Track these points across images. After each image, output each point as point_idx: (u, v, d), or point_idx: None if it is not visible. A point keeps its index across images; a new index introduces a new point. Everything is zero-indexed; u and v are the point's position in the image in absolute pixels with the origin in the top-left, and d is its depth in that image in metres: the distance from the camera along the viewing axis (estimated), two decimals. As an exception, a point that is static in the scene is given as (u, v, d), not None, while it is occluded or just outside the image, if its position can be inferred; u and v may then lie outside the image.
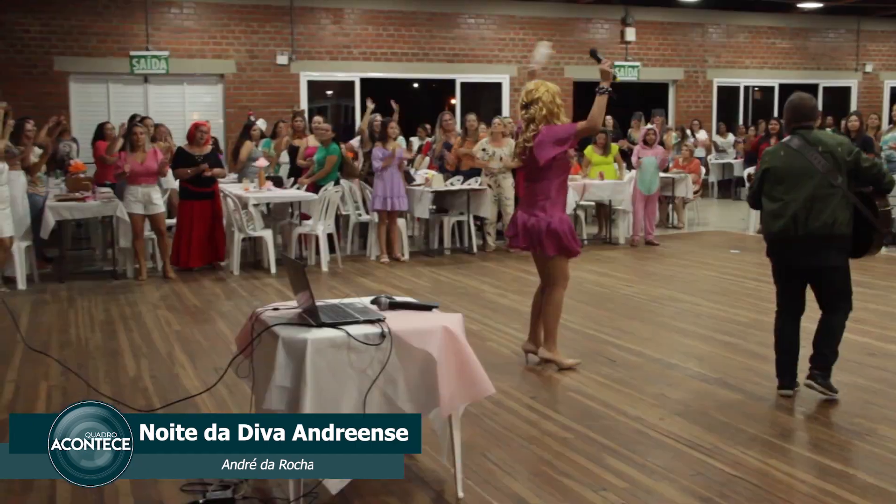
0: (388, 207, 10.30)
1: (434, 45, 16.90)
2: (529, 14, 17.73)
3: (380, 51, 16.49)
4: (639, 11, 18.59)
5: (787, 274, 5.25)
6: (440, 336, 3.78)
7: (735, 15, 19.75)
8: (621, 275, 9.54)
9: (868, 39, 21.45)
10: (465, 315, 6.95)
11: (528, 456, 4.39)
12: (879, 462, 4.25)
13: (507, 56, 17.60)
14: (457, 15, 17.10)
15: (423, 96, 19.15)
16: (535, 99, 5.74)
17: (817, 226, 4.94)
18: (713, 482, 4.03)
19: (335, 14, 16.12)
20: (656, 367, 5.95)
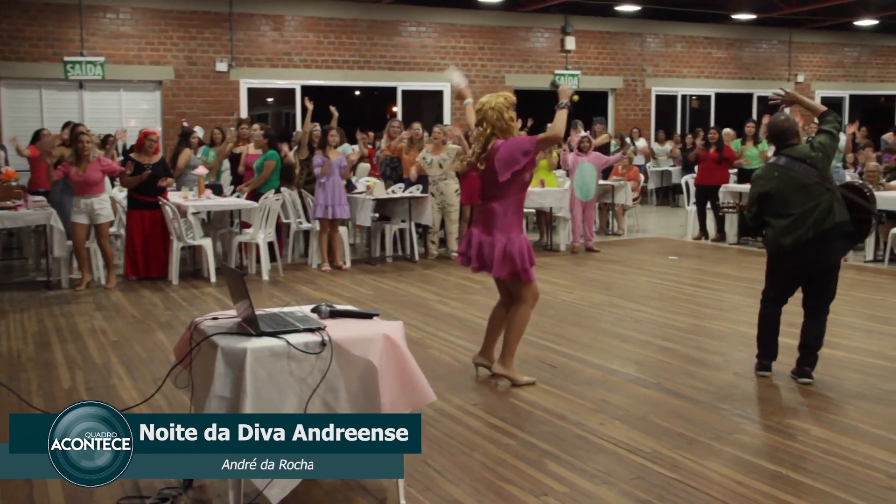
0: (329, 215, 10.24)
1: (375, 53, 16.90)
2: (470, 22, 17.83)
3: (321, 58, 16.43)
4: (578, 21, 18.82)
5: (794, 274, 5.68)
6: (381, 344, 3.77)
7: (672, 25, 20.11)
8: (562, 281, 9.63)
9: (799, 50, 22.01)
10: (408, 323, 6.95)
11: (469, 462, 4.39)
12: (813, 463, 4.35)
13: (448, 64, 17.65)
14: (398, 23, 17.12)
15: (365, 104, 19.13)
16: (482, 118, 5.60)
17: (826, 227, 5.44)
18: (652, 485, 4.08)
19: (275, 21, 16.03)
20: (596, 372, 6.01)
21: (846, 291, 8.78)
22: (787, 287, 5.77)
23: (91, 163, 9.18)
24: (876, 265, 10.47)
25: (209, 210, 10.42)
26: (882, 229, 10.58)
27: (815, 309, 5.69)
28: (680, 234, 13.63)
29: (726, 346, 6.78)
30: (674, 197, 18.55)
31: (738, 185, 12.68)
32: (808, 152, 5.52)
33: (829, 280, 5.63)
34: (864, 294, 8.75)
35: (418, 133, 11.60)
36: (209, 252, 9.73)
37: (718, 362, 6.28)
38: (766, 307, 5.82)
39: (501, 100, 5.64)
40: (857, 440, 4.65)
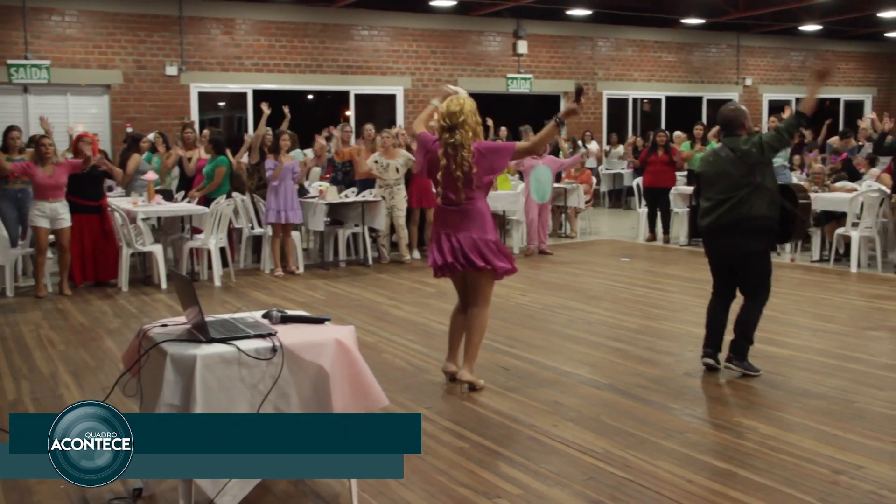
0: (282, 220, 10.18)
1: (328, 57, 16.84)
2: (423, 26, 17.85)
3: (272, 62, 16.33)
4: (530, 25, 18.93)
5: (716, 261, 6.00)
6: (332, 349, 3.76)
7: (623, 29, 20.32)
8: (515, 284, 9.65)
9: (747, 54, 22.37)
10: (361, 327, 6.95)
11: (422, 466, 4.39)
12: (762, 460, 4.42)
13: (400, 68, 17.67)
14: (350, 26, 17.08)
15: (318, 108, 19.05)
16: (461, 122, 5.47)
17: (737, 217, 5.65)
18: (605, 486, 4.12)
19: (226, 24, 15.89)
20: (549, 374, 6.04)
21: (793, 291, 8.96)
22: (718, 276, 6.02)
23: (59, 165, 9.02)
24: (822, 265, 10.67)
25: (159, 216, 10.30)
26: (827, 230, 10.79)
27: (746, 296, 5.93)
28: (632, 235, 13.77)
29: (677, 346, 6.86)
30: (626, 199, 18.73)
31: (687, 187, 12.84)
32: (739, 145, 5.70)
33: (748, 268, 5.83)
34: (810, 294, 8.92)
35: (371, 134, 11.58)
36: (160, 258, 9.61)
37: (669, 362, 6.36)
38: (711, 300, 6.10)
39: (473, 103, 5.61)
40: (803, 437, 4.73)
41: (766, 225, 5.69)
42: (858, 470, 4.26)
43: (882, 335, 7.16)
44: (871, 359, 6.33)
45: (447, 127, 5.49)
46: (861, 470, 4.25)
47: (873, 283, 9.43)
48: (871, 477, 4.17)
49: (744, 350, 5.89)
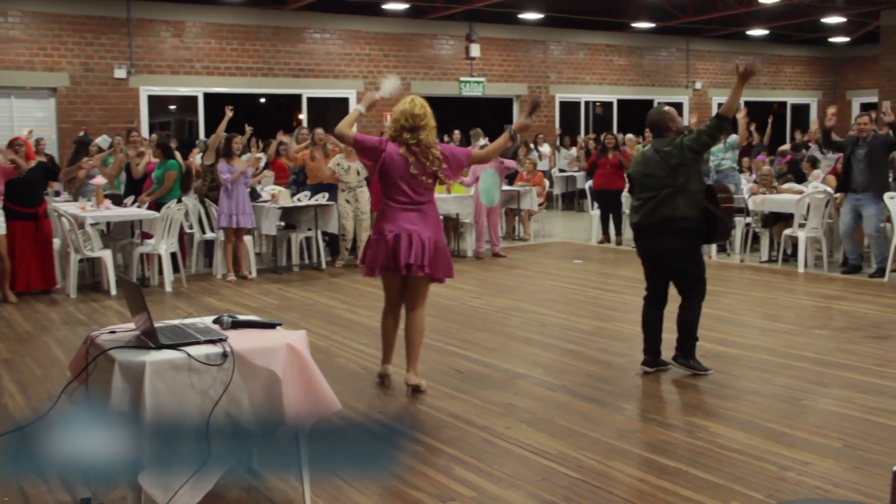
0: (234, 224, 10.09)
1: (279, 60, 16.75)
2: (375, 29, 17.83)
3: (223, 65, 16.20)
4: (483, 28, 19.01)
5: (644, 261, 6.10)
6: (284, 353, 3.74)
7: (574, 33, 20.49)
8: (469, 287, 9.69)
9: (697, 58, 22.70)
10: (314, 332, 6.92)
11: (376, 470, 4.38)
12: (710, 458, 4.47)
13: (353, 71, 17.63)
14: (302, 29, 17.01)
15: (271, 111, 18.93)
16: (424, 124, 5.53)
17: (660, 217, 5.77)
18: (558, 486, 4.14)
19: (175, 27, 15.73)
20: (503, 376, 6.07)
21: (742, 291, 9.10)
22: (648, 276, 6.11)
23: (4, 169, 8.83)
24: (771, 265, 10.84)
25: (108, 221, 10.15)
26: (775, 231, 10.98)
27: (682, 295, 6.00)
28: (584, 238, 13.87)
29: (629, 347, 6.92)
30: (578, 202, 18.88)
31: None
32: (662, 146, 5.81)
33: (678, 267, 5.92)
34: (759, 293, 9.06)
35: (322, 139, 11.53)
36: (109, 264, 9.46)
37: (622, 363, 6.41)
38: (644, 304, 6.17)
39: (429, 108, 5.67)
40: (752, 434, 4.80)
41: (687, 225, 5.76)
42: (805, 466, 4.33)
43: (828, 334, 7.30)
44: (817, 357, 6.45)
45: (409, 128, 5.51)
46: (808, 466, 4.33)
47: (820, 283, 9.61)
48: (818, 473, 4.24)
49: (690, 349, 5.97)
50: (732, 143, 11.78)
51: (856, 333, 7.22)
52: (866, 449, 4.57)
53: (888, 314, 7.93)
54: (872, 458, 4.43)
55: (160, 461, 3.48)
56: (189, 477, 3.51)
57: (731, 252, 11.82)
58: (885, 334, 7.15)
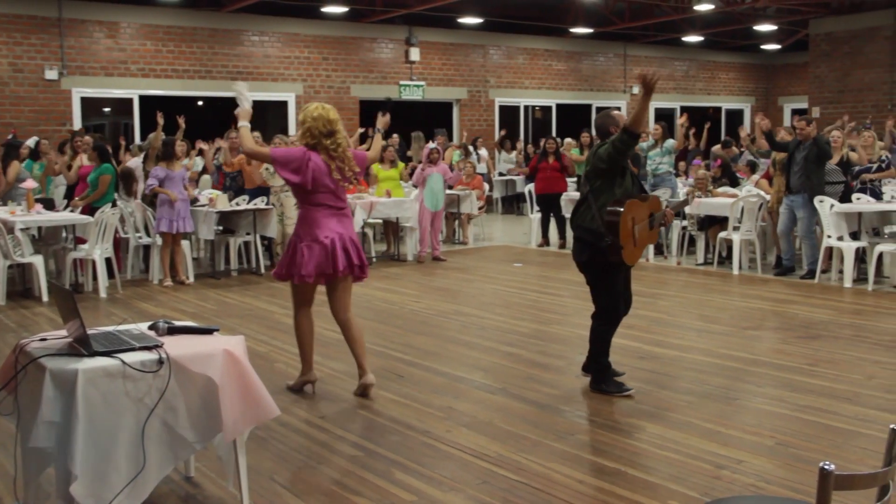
0: (172, 229, 9.94)
1: (217, 62, 16.55)
2: (314, 32, 17.73)
3: (159, 67, 15.96)
4: (422, 32, 19.03)
5: None
6: (221, 359, 3.69)
7: (514, 37, 20.62)
8: (409, 291, 9.69)
9: (634, 64, 23.02)
10: (253, 337, 6.85)
11: (316, 477, 4.35)
12: (649, 458, 4.54)
13: (292, 74, 17.51)
14: (240, 32, 16.84)
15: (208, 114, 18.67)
16: (339, 128, 5.61)
17: (573, 224, 5.72)
18: (498, 489, 4.16)
19: (109, 27, 15.45)
20: (443, 380, 6.07)
21: (679, 293, 9.25)
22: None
23: None
24: (706, 268, 11.04)
25: (40, 225, 9.91)
26: (710, 233, 11.18)
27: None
28: (524, 241, 13.96)
29: (568, 349, 6.99)
30: (518, 205, 18.99)
31: (576, 193, 13.09)
32: (591, 153, 5.68)
33: (585, 273, 5.75)
34: (695, 295, 9.22)
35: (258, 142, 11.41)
36: (40, 270, 9.25)
37: (561, 366, 6.47)
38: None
39: None
40: (688, 434, 4.88)
41: (584, 236, 5.56)
42: (739, 464, 4.42)
43: (761, 334, 7.45)
44: (751, 357, 6.58)
45: (327, 133, 5.55)
46: (742, 464, 4.42)
47: (754, 285, 9.81)
48: (751, 470, 4.33)
49: (597, 372, 5.71)
50: (669, 148, 11.97)
51: (788, 334, 7.39)
52: (797, 446, 4.68)
53: (818, 314, 8.13)
54: (803, 455, 4.54)
55: (94, 471, 3.41)
56: (124, 487, 3.44)
57: (668, 255, 12.02)
58: (815, 334, 7.33)
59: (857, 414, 5.20)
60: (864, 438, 4.77)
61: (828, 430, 4.93)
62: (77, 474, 3.35)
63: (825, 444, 4.73)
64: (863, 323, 7.81)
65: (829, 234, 9.62)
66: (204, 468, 4.39)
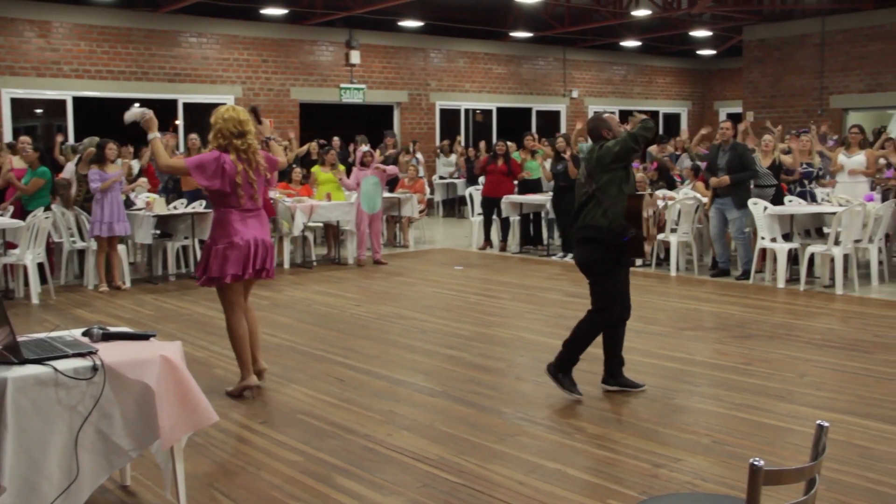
0: (107, 233, 9.75)
1: (154, 64, 16.30)
2: (254, 34, 17.57)
3: (94, 68, 15.65)
4: (363, 35, 18.98)
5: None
6: (158, 365, 3.64)
7: (454, 41, 20.68)
8: (350, 294, 9.65)
9: (573, 68, 23.25)
10: (191, 343, 6.76)
11: (256, 483, 4.30)
12: (589, 458, 4.59)
13: (231, 76, 17.33)
14: (177, 33, 16.60)
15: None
16: (250, 129, 5.70)
17: (578, 225, 5.66)
18: (439, 492, 4.16)
19: (41, 27, 15.11)
20: (384, 384, 6.06)
21: (617, 295, 9.34)
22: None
23: None
24: (645, 269, 11.18)
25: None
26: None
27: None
28: (465, 244, 14.01)
29: (509, 352, 7.03)
30: (459, 208, 19.05)
31: (518, 196, 13.21)
32: (587, 153, 5.71)
33: (587, 273, 5.71)
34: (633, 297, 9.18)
35: (195, 143, 11.29)
36: (-30, 275, 9.01)
37: (502, 368, 6.50)
38: None
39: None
40: (627, 434, 4.95)
41: (596, 235, 5.51)
42: (677, 463, 4.49)
43: (698, 335, 7.58)
44: (688, 357, 6.69)
45: (238, 134, 5.63)
46: (679, 462, 4.49)
47: (691, 286, 9.97)
48: (688, 469, 4.40)
49: (559, 361, 5.68)
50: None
51: (723, 334, 7.53)
52: (732, 444, 4.77)
53: (753, 315, 8.31)
54: (738, 452, 4.63)
55: (24, 483, 3.33)
56: (56, 497, 3.38)
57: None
58: (750, 334, 7.49)
59: (789, 411, 5.33)
60: (797, 435, 4.89)
61: (761, 428, 5.04)
62: (6, 486, 3.27)
63: (759, 441, 4.83)
64: (795, 322, 8.00)
65: (762, 235, 9.83)
66: (140, 476, 4.32)
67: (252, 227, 5.69)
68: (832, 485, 4.11)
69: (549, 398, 5.72)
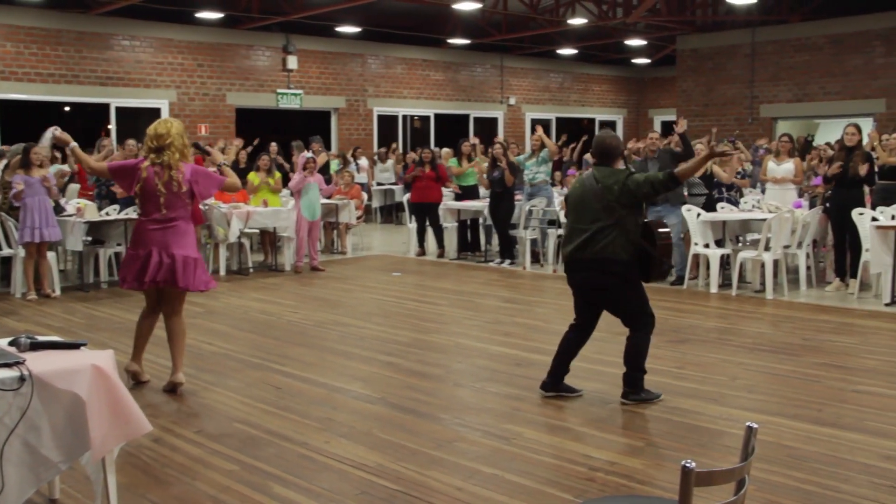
0: (36, 238, 9.52)
1: (85, 67, 15.98)
2: (189, 38, 17.35)
3: (21, 70, 15.28)
4: (300, 40, 18.88)
5: (575, 294, 5.83)
6: (89, 375, 3.56)
7: (392, 47, 20.69)
8: (287, 301, 9.57)
9: (510, 75, 23.43)
10: (124, 351, 6.64)
11: (191, 493, 4.24)
12: (526, 462, 4.61)
13: (165, 81, 17.07)
14: (109, 36, 16.31)
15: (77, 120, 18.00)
16: (168, 144, 5.80)
17: (592, 254, 5.50)
18: (377, 499, 4.15)
19: (-34, 28, 14.72)
20: (321, 391, 6.02)
21: (555, 300, 9.44)
22: (577, 308, 5.85)
23: None
24: (580, 275, 11.29)
25: None
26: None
27: (626, 325, 5.77)
28: (403, 251, 14.00)
29: (447, 358, 7.04)
30: (397, 214, 19.03)
31: (456, 202, 13.26)
32: (605, 178, 5.49)
33: (613, 303, 5.68)
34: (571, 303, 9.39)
35: (133, 149, 11.10)
36: None
37: (440, 374, 6.51)
38: (569, 329, 5.92)
39: (180, 125, 5.97)
40: (563, 438, 4.99)
41: (617, 268, 5.48)
42: (612, 465, 4.54)
43: (633, 339, 7.67)
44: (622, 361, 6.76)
45: (155, 148, 5.82)
46: (614, 465, 4.55)
47: (625, 291, 10.11)
48: (623, 471, 4.46)
49: (637, 382, 5.69)
50: (545, 157, 12.23)
51: (658, 338, 7.60)
52: (666, 446, 4.85)
53: (686, 319, 8.45)
54: (671, 454, 4.71)
55: (-52, 496, 3.23)
56: (-18, 511, 3.28)
57: (544, 263, 12.26)
58: (684, 338, 7.62)
59: (721, 413, 5.43)
60: (728, 437, 4.99)
61: (694, 430, 5.13)
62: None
63: (691, 443, 4.92)
64: (727, 326, 8.17)
65: (696, 241, 10.01)
66: (70, 489, 4.22)
67: (157, 238, 5.83)
68: (761, 485, 4.20)
69: (487, 404, 5.75)
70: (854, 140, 9.73)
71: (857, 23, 17.89)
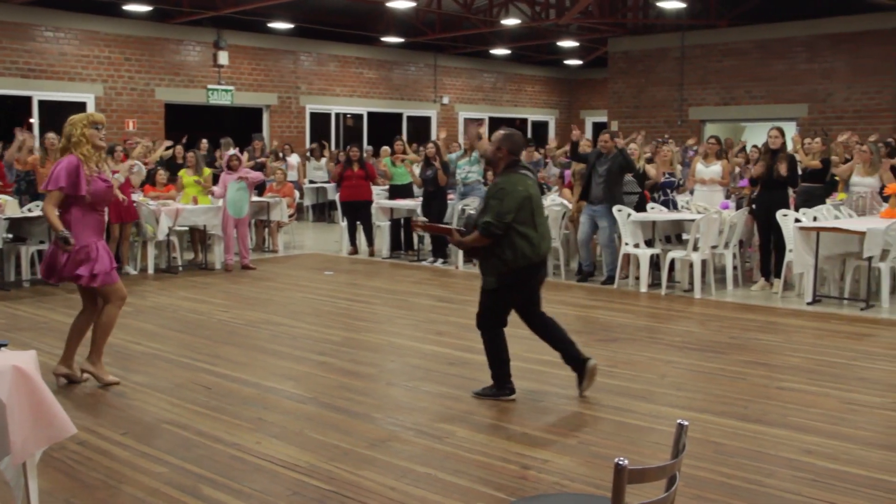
0: (-47, 236, 9.22)
1: (4, 58, 15.50)
2: (116, 31, 16.96)
3: (-60, 62, 14.77)
4: (231, 35, 18.61)
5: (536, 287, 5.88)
6: (9, 376, 3.44)
7: (325, 44, 20.53)
8: (217, 300, 9.43)
9: (444, 74, 23.46)
10: (48, 352, 6.47)
11: (117, 497, 4.14)
12: (456, 461, 4.61)
13: (91, 74, 16.67)
14: (31, 26, 15.85)
15: (-4, 113, 17.48)
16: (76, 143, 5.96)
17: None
18: (309, 499, 4.11)
19: None
20: (253, 391, 5.94)
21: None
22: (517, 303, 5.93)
23: None
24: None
25: None
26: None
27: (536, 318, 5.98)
28: (335, 249, 13.91)
29: (380, 357, 7.02)
30: (329, 213, 18.90)
31: (388, 201, 13.22)
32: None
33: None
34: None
35: (54, 144, 10.81)
36: None
37: (373, 373, 6.48)
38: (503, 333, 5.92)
39: (82, 117, 6.06)
40: (496, 437, 5.01)
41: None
42: (545, 464, 4.57)
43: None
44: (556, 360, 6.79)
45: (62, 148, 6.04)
46: (547, 463, 4.58)
47: (558, 291, 10.19)
48: (556, 469, 4.49)
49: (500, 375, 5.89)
50: (478, 157, 12.26)
51: (590, 337, 7.72)
52: (597, 444, 4.90)
53: (617, 318, 8.56)
54: (603, 452, 4.76)
55: None
56: None
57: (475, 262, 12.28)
58: (614, 337, 7.72)
59: (650, 411, 5.51)
60: (658, 434, 5.06)
61: (625, 428, 5.20)
62: None
63: (622, 440, 4.98)
64: (657, 325, 8.30)
65: (626, 241, 10.15)
66: (-10, 493, 4.10)
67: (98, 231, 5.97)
68: (690, 480, 4.27)
69: (420, 403, 5.74)
70: (778, 143, 9.97)
71: (782, 29, 18.35)
